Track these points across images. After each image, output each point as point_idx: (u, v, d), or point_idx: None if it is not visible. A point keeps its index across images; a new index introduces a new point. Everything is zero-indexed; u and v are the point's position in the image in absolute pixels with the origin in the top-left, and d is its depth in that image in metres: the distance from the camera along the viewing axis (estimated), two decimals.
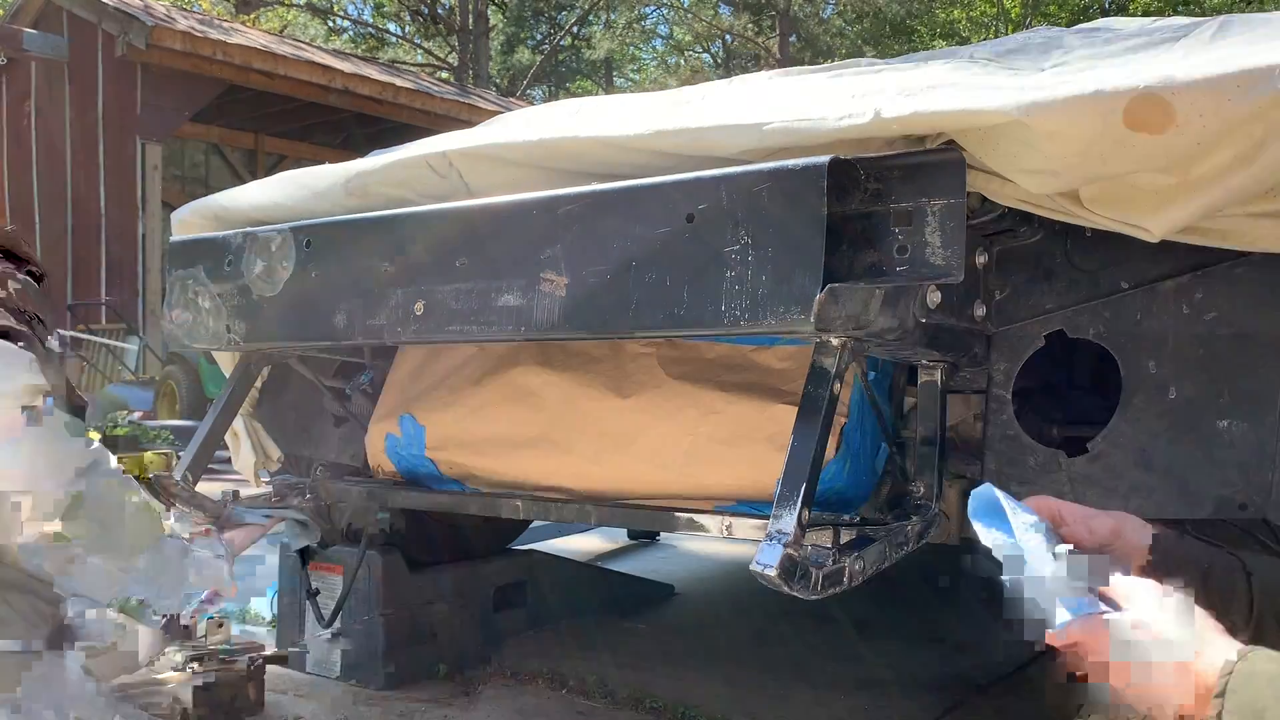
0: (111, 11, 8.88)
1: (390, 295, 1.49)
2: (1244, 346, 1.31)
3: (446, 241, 1.43)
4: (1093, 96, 1.10)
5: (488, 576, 2.47)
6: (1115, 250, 1.40)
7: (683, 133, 1.33)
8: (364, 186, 1.70)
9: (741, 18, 23.15)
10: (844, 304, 1.16)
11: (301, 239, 1.62)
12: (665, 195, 1.23)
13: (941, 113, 1.15)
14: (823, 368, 1.25)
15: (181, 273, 1.82)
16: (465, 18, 19.80)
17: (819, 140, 1.23)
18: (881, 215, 1.21)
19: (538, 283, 1.32)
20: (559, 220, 1.32)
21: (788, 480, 1.20)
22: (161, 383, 7.79)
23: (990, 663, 2.37)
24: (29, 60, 10.08)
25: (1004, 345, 1.48)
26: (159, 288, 8.78)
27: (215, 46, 8.98)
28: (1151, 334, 1.36)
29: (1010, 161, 1.19)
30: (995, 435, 1.47)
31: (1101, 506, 1.38)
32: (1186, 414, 1.33)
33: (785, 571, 1.15)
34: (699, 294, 1.19)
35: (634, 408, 1.67)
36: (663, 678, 2.25)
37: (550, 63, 23.22)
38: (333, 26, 23.64)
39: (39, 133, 10.24)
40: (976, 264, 1.45)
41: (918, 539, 1.43)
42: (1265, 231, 1.19)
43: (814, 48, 22.43)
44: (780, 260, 1.13)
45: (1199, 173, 1.14)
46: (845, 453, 1.49)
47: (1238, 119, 1.08)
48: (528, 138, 1.50)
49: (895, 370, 1.59)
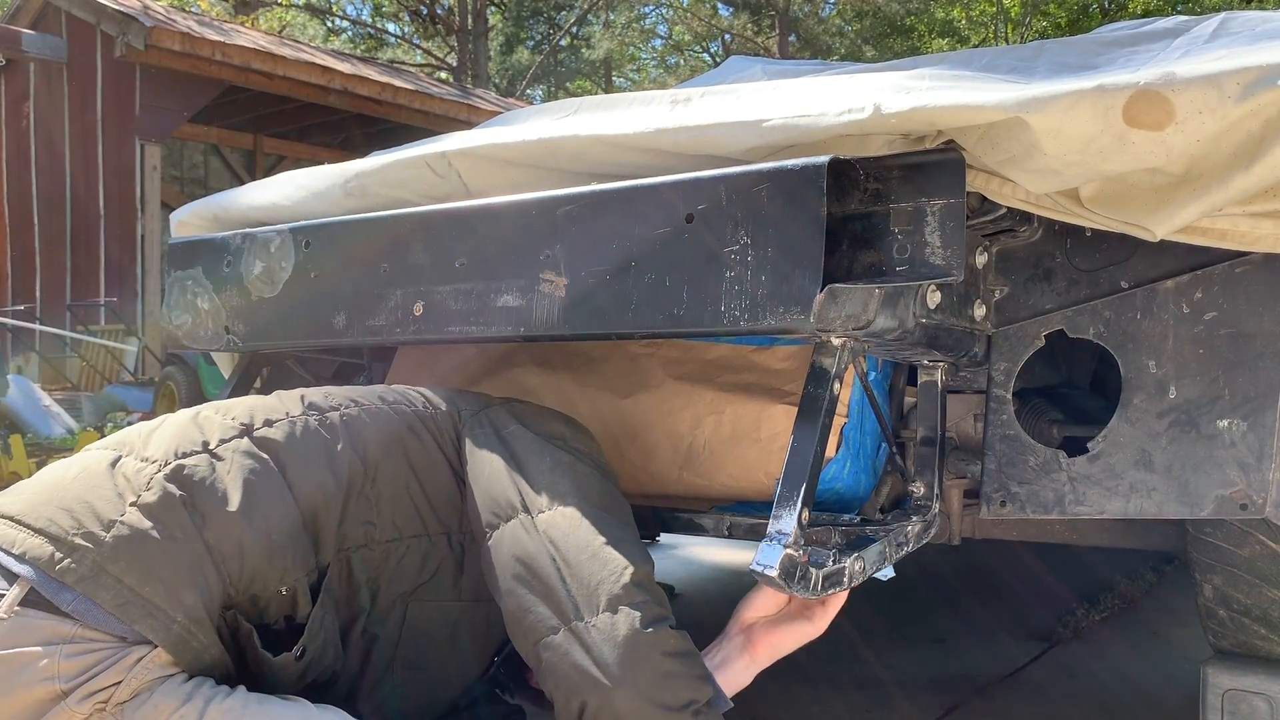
0: (110, 12, 8.88)
1: (389, 296, 1.49)
2: (1244, 346, 1.31)
3: (446, 242, 1.43)
4: (1093, 93, 1.10)
5: None
6: (1115, 250, 1.40)
7: (683, 131, 1.33)
8: (363, 187, 1.69)
9: (741, 17, 23.17)
10: (844, 304, 1.16)
11: (300, 240, 1.62)
12: (665, 195, 1.23)
13: (941, 109, 1.15)
14: (823, 368, 1.25)
15: (180, 273, 1.82)
16: (464, 18, 19.82)
17: (818, 136, 1.22)
18: (881, 215, 1.21)
19: (537, 283, 1.32)
20: (558, 220, 1.32)
21: (788, 480, 1.20)
22: (161, 384, 7.79)
23: (990, 663, 2.37)
24: (28, 61, 10.09)
25: (1004, 345, 1.48)
26: (158, 288, 8.78)
27: (214, 47, 8.98)
28: (1151, 334, 1.36)
29: (1010, 160, 1.19)
30: (995, 435, 1.47)
31: (1101, 507, 1.39)
32: (1186, 414, 1.33)
33: (785, 572, 1.15)
34: (699, 294, 1.19)
35: (634, 408, 1.67)
36: None
37: (549, 63, 23.23)
38: (331, 27, 23.65)
39: (38, 134, 10.25)
40: (976, 264, 1.45)
41: (918, 539, 1.43)
42: (1265, 231, 1.19)
43: (813, 47, 22.45)
44: (780, 260, 1.13)
45: (1199, 171, 1.14)
46: (845, 453, 1.49)
47: (1238, 116, 1.08)
48: (527, 138, 1.50)
49: (895, 370, 1.59)
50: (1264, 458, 1.28)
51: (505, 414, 1.40)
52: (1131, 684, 2.22)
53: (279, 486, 1.19)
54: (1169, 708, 2.06)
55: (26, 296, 10.32)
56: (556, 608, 1.17)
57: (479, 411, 1.40)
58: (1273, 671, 1.52)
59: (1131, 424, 1.37)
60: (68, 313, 9.50)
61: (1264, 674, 1.51)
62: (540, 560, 1.20)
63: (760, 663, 1.30)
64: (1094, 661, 2.39)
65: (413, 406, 1.38)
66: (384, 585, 1.25)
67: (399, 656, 1.28)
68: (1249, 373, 1.30)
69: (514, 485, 1.27)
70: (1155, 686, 2.20)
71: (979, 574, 3.19)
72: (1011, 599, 2.94)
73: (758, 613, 1.31)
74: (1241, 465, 1.29)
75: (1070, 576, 3.00)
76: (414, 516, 1.29)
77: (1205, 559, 1.57)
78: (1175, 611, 2.74)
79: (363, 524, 1.24)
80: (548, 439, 1.35)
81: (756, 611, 1.31)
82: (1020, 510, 1.45)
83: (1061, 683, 2.24)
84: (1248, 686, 1.51)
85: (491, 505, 1.27)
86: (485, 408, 1.42)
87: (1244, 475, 1.29)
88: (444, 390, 1.46)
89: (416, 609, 1.28)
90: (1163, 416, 1.35)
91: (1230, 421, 1.30)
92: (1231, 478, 1.30)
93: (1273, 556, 1.50)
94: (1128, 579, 2.98)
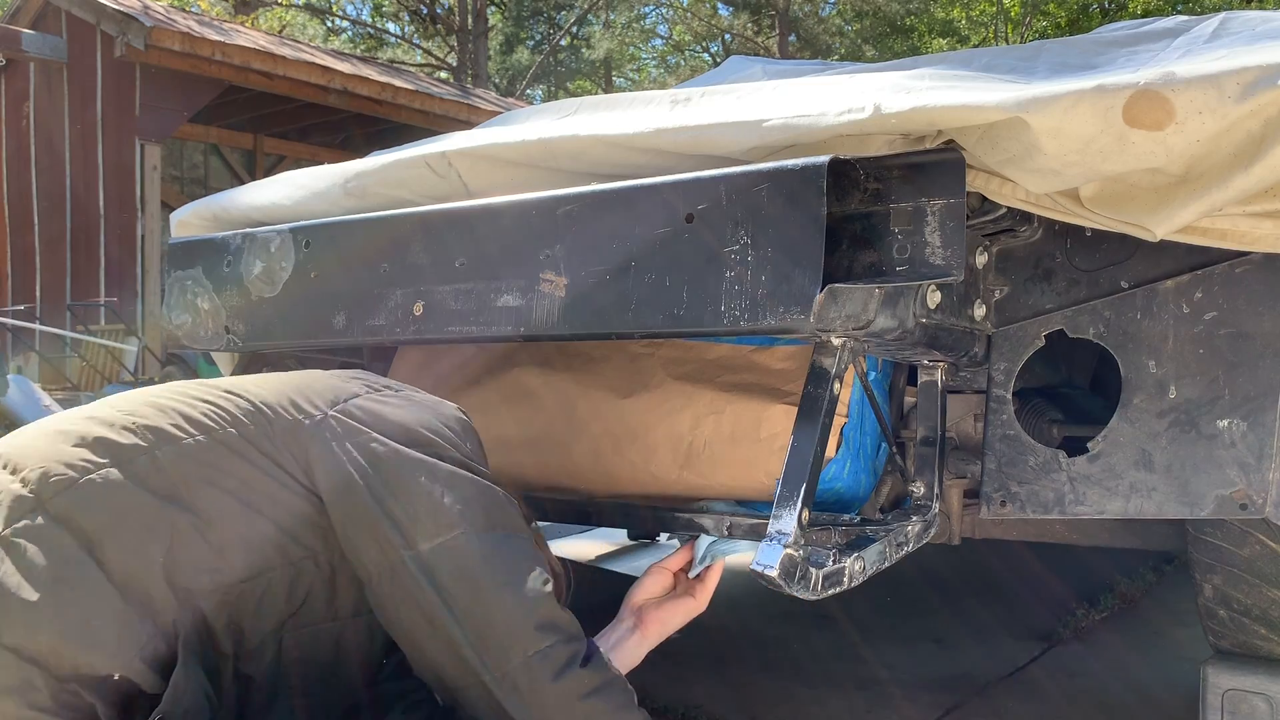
0: (110, 12, 8.88)
1: (389, 296, 1.49)
2: (1244, 346, 1.31)
3: (446, 242, 1.43)
4: (1093, 93, 1.10)
5: None
6: (1115, 250, 1.41)
7: (683, 131, 1.33)
8: (363, 187, 1.70)
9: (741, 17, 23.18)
10: (843, 304, 1.16)
11: (300, 239, 1.62)
12: (665, 195, 1.23)
13: (941, 109, 1.15)
14: (823, 368, 1.25)
15: (180, 273, 1.82)
16: (464, 18, 19.82)
17: (818, 136, 1.22)
18: (881, 215, 1.21)
19: (537, 283, 1.32)
20: (558, 220, 1.32)
21: (788, 480, 1.20)
22: (161, 384, 7.78)
23: (990, 663, 2.37)
24: (28, 61, 10.08)
25: (1004, 345, 1.48)
26: (158, 288, 8.78)
27: (214, 47, 8.97)
28: (1151, 334, 1.36)
29: (1010, 160, 1.19)
30: (995, 435, 1.47)
31: (1101, 507, 1.39)
32: (1186, 414, 1.33)
33: (785, 572, 1.15)
34: (699, 294, 1.19)
35: (634, 408, 1.66)
36: (663, 678, 2.25)
37: (549, 63, 23.23)
38: (331, 27, 23.65)
39: (38, 134, 10.24)
40: (976, 264, 1.45)
41: (918, 539, 1.43)
42: (1265, 231, 1.19)
43: (813, 47, 22.46)
44: (780, 260, 1.13)
45: (1199, 171, 1.15)
46: (845, 453, 1.49)
47: (1238, 116, 1.08)
48: (527, 137, 1.50)
49: (895, 370, 1.59)
50: (1264, 458, 1.28)
51: (360, 418, 1.23)
52: (1131, 684, 2.21)
53: (87, 567, 1.06)
54: (1169, 708, 2.06)
55: (26, 296, 10.31)
56: (462, 665, 1.14)
57: (324, 418, 1.23)
58: (1273, 671, 1.52)
59: (1131, 424, 1.37)
60: (68, 313, 9.49)
61: (1264, 674, 1.51)
62: (435, 613, 1.14)
63: (650, 640, 1.39)
64: (1094, 661, 2.39)
65: (238, 427, 1.20)
66: (248, 627, 1.15)
67: (282, 689, 1.19)
68: (1249, 373, 1.30)
69: (386, 517, 1.16)
70: (1155, 686, 2.20)
71: (979, 574, 3.19)
72: (1011, 599, 2.94)
73: (647, 594, 1.41)
74: (1241, 465, 1.29)
75: (1070, 576, 3.00)
76: (266, 551, 1.16)
77: (1205, 559, 1.57)
78: (1175, 611, 2.74)
79: (206, 573, 1.12)
80: (413, 446, 1.21)
81: (645, 594, 1.41)
82: (1020, 510, 1.45)
83: (1061, 683, 2.24)
84: (1248, 686, 1.51)
85: (367, 543, 1.17)
86: (331, 408, 1.24)
87: (1244, 475, 1.29)
88: (286, 388, 1.27)
89: (291, 640, 1.19)
90: (1163, 416, 1.35)
91: (1230, 421, 1.30)
92: (1231, 478, 1.30)
93: (1273, 556, 1.50)
94: (1128, 579, 2.98)
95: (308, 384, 1.29)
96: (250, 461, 1.17)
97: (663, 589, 1.42)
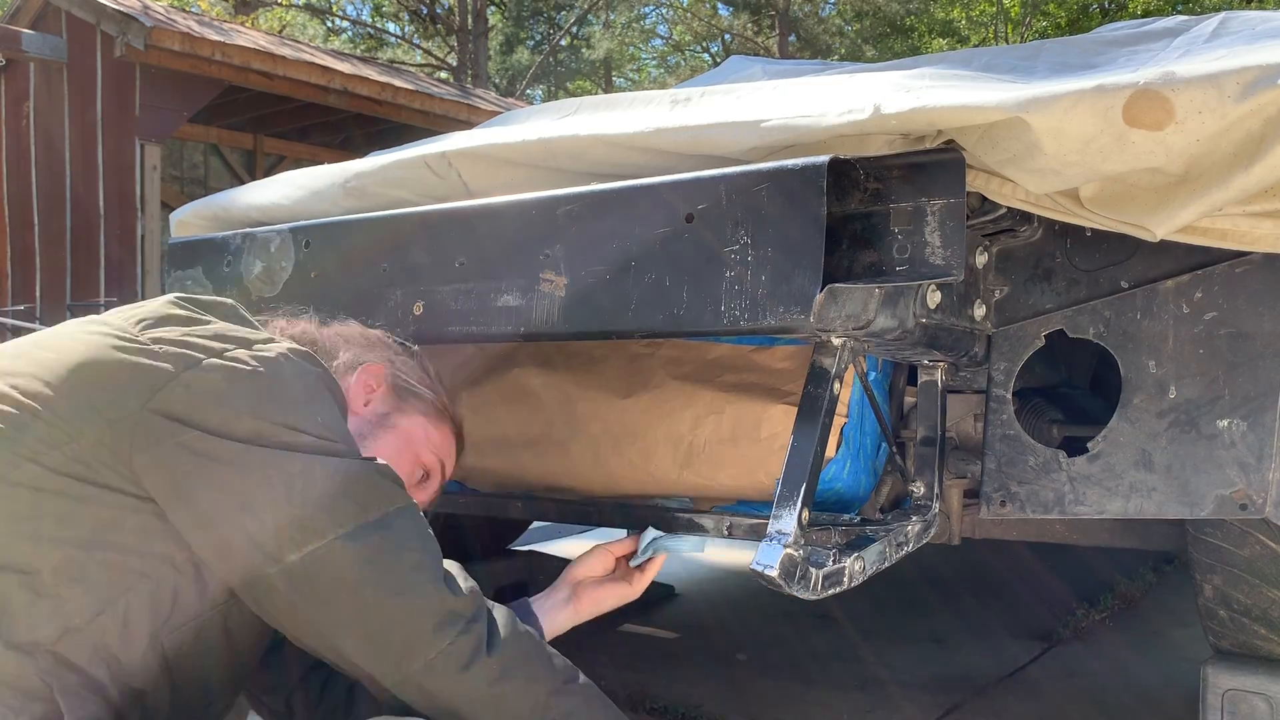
0: (110, 12, 8.88)
1: (389, 295, 1.49)
2: (1244, 346, 1.31)
3: (445, 242, 1.43)
4: (1093, 93, 1.10)
5: (488, 577, 2.46)
6: (1115, 250, 1.41)
7: (683, 131, 1.33)
8: (363, 187, 1.70)
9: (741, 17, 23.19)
10: (844, 304, 1.16)
11: (300, 239, 1.62)
12: (665, 195, 1.23)
13: (941, 109, 1.15)
14: (823, 368, 1.25)
15: (180, 273, 1.82)
16: (464, 18, 19.82)
17: (818, 136, 1.22)
18: (881, 215, 1.21)
19: (537, 283, 1.32)
20: (558, 220, 1.32)
21: (788, 480, 1.20)
22: None
23: (990, 663, 2.37)
24: (27, 61, 10.08)
25: (1004, 345, 1.48)
26: (158, 288, 8.78)
27: (214, 47, 8.97)
28: (1151, 334, 1.36)
29: (1010, 160, 1.19)
30: (995, 435, 1.47)
31: (1101, 507, 1.39)
32: (1186, 414, 1.33)
33: (785, 572, 1.15)
34: (699, 294, 1.19)
35: (634, 408, 1.66)
36: (663, 678, 2.25)
37: (549, 63, 23.24)
38: (331, 27, 23.66)
39: (37, 134, 10.24)
40: (976, 264, 1.45)
41: (918, 539, 1.43)
42: (1265, 231, 1.19)
43: (813, 47, 22.47)
44: (780, 260, 1.13)
45: (1199, 171, 1.14)
46: (845, 453, 1.49)
47: (1238, 116, 1.08)
48: (527, 137, 1.50)
49: (895, 370, 1.59)
50: (1264, 458, 1.28)
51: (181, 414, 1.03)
52: (1131, 684, 2.22)
53: None
54: (1169, 708, 2.06)
55: (26, 296, 10.31)
56: (357, 670, 1.08)
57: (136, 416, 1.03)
58: (1273, 671, 1.52)
59: (1131, 424, 1.37)
60: (68, 313, 9.49)
61: (1264, 674, 1.51)
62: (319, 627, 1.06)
63: (582, 615, 1.41)
64: (1094, 661, 2.39)
65: (37, 461, 1.01)
66: (120, 652, 1.04)
67: (176, 686, 1.10)
68: (1249, 373, 1.30)
69: (239, 531, 1.02)
70: (1155, 686, 2.20)
71: (979, 574, 3.19)
72: (1011, 599, 2.94)
73: (588, 572, 1.44)
74: (1241, 465, 1.29)
75: (1070, 576, 3.00)
76: (111, 577, 1.02)
77: (1205, 559, 1.57)
78: (1175, 611, 2.74)
79: (46, 622, 1.00)
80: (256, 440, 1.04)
81: (586, 570, 1.44)
82: (1020, 510, 1.45)
83: (1061, 683, 2.24)
84: (1248, 686, 1.51)
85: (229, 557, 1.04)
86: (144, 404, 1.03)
87: (1244, 475, 1.29)
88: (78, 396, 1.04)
89: (172, 641, 1.07)
90: (1163, 416, 1.35)
91: (1230, 421, 1.30)
92: (1231, 478, 1.30)
93: (1273, 556, 1.50)
94: (1128, 579, 2.98)
95: (108, 370, 1.06)
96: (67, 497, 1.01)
97: (604, 570, 1.45)
